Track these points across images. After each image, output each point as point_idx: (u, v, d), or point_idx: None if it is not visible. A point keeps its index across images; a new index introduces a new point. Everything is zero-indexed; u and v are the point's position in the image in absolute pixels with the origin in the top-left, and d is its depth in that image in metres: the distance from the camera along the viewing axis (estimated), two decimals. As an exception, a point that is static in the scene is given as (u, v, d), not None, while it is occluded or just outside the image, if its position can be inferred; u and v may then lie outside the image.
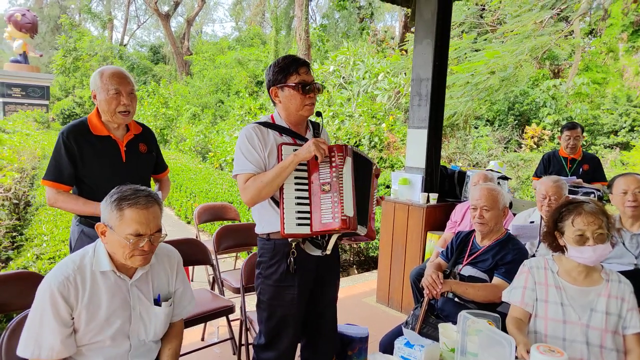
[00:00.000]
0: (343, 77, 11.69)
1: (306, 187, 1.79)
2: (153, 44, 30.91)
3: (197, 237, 3.83)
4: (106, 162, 2.14)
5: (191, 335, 3.10)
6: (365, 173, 1.90)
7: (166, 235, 1.60)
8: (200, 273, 4.45)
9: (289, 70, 1.85)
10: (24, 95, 16.38)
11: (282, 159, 1.81)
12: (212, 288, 3.18)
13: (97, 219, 1.57)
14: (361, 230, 1.78)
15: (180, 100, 17.06)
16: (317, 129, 2.04)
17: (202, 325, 3.14)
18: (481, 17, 9.26)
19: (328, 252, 1.85)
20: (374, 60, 11.36)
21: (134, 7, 31.59)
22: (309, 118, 2.00)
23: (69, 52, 20.26)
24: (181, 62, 24.66)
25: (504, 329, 1.72)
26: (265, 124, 1.90)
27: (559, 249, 1.83)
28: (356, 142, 8.71)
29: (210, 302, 2.67)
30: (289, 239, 1.82)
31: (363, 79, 11.14)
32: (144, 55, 27.84)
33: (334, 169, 1.76)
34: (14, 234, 4.73)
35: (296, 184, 1.79)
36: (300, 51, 15.64)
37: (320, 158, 1.75)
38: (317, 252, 1.87)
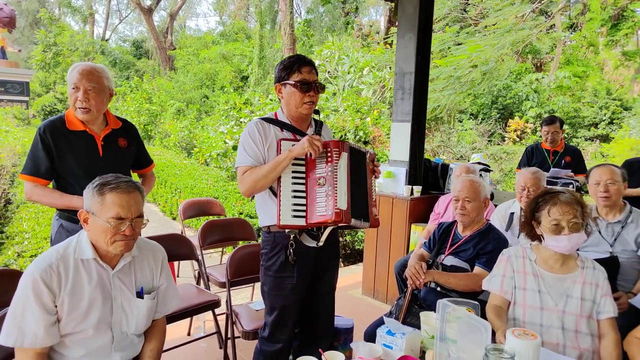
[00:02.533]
0: (328, 72, 11.68)
1: (303, 181, 1.86)
2: (135, 38, 30.42)
3: (182, 232, 3.82)
4: (82, 156, 2.14)
5: (177, 330, 3.11)
6: (361, 166, 1.96)
7: (148, 221, 1.63)
8: (186, 268, 4.44)
9: (292, 69, 1.93)
10: (2, 91, 15.97)
11: (280, 154, 1.90)
12: (198, 283, 3.18)
13: (76, 212, 1.57)
14: (358, 224, 1.86)
15: (164, 96, 16.80)
16: (319, 126, 2.11)
17: (189, 319, 3.14)
18: (464, 10, 9.32)
19: (321, 243, 1.94)
20: (359, 54, 11.37)
21: (116, 1, 31.13)
22: (313, 116, 2.09)
23: (48, 47, 19.77)
24: (164, 57, 24.32)
25: (483, 316, 1.77)
26: (267, 120, 2.00)
27: (536, 238, 1.88)
28: (341, 136, 8.74)
29: (196, 297, 2.68)
30: (287, 231, 1.91)
31: (348, 73, 11.14)
32: (126, 50, 27.38)
33: (329, 164, 1.82)
34: (-5, 232, 4.66)
35: (293, 177, 1.86)
36: (285, 46, 15.57)
37: (313, 155, 1.81)
38: (313, 243, 1.94)
